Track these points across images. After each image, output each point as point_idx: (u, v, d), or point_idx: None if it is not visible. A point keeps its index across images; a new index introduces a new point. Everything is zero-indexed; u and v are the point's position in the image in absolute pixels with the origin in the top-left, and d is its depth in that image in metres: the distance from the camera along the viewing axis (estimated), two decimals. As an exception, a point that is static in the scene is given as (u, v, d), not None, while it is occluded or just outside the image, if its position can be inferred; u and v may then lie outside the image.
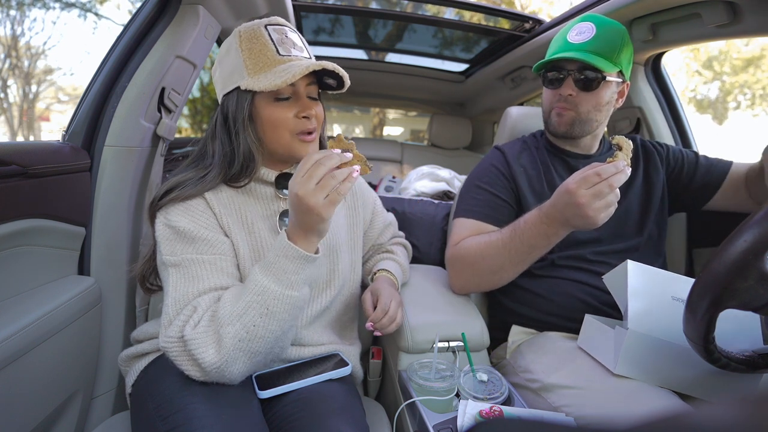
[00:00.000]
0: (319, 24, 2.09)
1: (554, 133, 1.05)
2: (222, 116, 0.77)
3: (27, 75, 9.90)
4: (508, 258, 0.91)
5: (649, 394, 0.73)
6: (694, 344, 0.64)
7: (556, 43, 1.03)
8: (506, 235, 0.91)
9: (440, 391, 0.76)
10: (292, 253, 0.65)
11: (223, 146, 0.77)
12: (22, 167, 0.79)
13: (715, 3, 1.04)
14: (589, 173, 0.75)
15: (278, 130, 0.76)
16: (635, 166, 1.07)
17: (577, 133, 1.02)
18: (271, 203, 0.84)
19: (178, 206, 0.74)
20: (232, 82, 0.75)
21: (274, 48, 0.74)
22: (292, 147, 0.78)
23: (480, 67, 2.28)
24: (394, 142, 2.95)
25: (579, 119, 1.00)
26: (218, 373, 0.65)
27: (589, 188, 0.75)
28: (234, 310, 0.65)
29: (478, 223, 1.01)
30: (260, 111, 0.76)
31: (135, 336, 0.85)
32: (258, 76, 0.73)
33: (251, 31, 0.75)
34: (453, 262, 1.02)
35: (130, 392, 0.80)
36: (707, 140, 9.90)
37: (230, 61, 0.75)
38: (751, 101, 10.16)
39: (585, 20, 1.00)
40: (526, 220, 0.89)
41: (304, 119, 0.77)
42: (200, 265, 0.71)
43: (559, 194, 0.80)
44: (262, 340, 0.66)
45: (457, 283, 1.03)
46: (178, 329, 0.66)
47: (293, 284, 0.66)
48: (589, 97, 0.98)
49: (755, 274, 0.57)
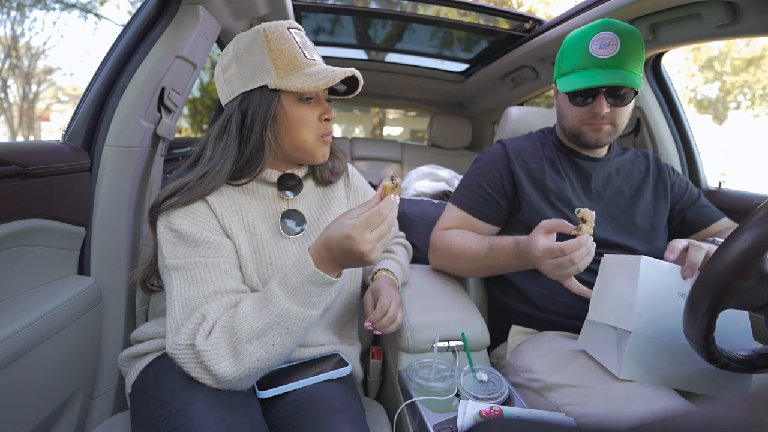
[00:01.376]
0: (319, 24, 2.09)
1: (587, 144, 1.04)
2: (240, 114, 0.75)
3: (27, 75, 9.91)
4: (481, 268, 1.02)
5: (654, 393, 0.73)
6: (695, 344, 0.64)
7: (579, 57, 0.98)
8: (484, 250, 0.98)
9: (440, 391, 0.76)
10: (319, 280, 0.64)
11: (230, 145, 0.76)
12: (22, 167, 0.79)
13: (715, 3, 1.04)
14: (555, 247, 0.78)
15: (303, 131, 0.78)
16: (646, 180, 1.09)
17: (610, 141, 1.06)
18: (273, 204, 0.84)
19: (180, 209, 0.74)
20: (256, 80, 0.74)
21: (300, 51, 0.75)
22: (315, 148, 0.80)
23: (480, 67, 2.28)
24: (394, 142, 2.95)
25: (615, 131, 1.02)
26: (232, 384, 0.66)
27: (552, 259, 0.79)
28: (252, 329, 0.64)
29: (468, 217, 1.09)
30: (287, 111, 0.76)
31: (135, 336, 0.85)
32: (290, 76, 0.73)
33: (278, 31, 0.75)
34: (435, 246, 1.12)
35: (129, 392, 0.80)
36: (707, 140, 9.91)
37: (253, 59, 0.74)
38: (752, 101, 10.16)
39: (604, 29, 0.96)
40: (503, 246, 0.94)
41: (326, 122, 0.79)
42: (204, 268, 0.71)
43: (529, 250, 0.84)
44: (279, 356, 0.67)
45: (435, 263, 1.16)
46: (187, 337, 0.66)
47: (315, 305, 0.66)
48: (623, 109, 0.99)
49: (755, 274, 0.57)
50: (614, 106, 0.97)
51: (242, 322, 0.64)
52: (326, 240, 0.64)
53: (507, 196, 1.07)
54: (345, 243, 0.62)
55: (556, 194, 1.03)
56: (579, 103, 1.00)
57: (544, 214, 1.01)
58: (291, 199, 0.85)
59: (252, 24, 1.45)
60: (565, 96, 1.02)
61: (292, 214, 0.84)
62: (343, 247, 0.62)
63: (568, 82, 0.99)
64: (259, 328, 0.64)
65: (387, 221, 0.64)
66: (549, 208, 1.02)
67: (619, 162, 1.10)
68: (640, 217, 1.04)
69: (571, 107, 1.02)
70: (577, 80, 0.97)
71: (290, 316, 0.64)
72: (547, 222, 0.83)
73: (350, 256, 0.63)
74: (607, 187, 1.06)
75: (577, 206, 1.02)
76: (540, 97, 2.35)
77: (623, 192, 1.06)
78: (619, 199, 1.05)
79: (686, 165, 1.45)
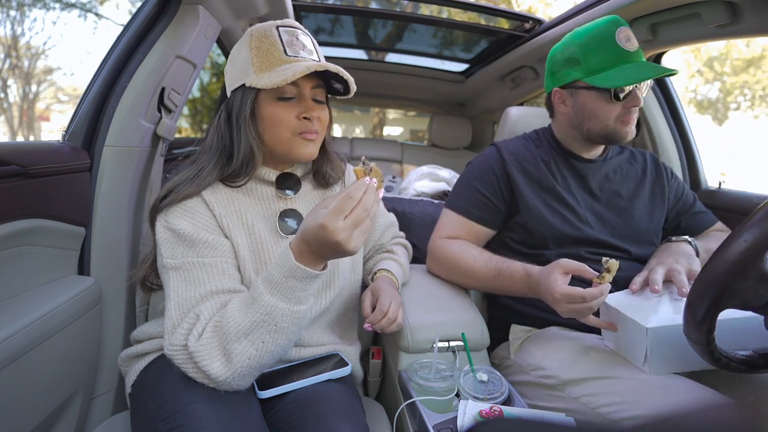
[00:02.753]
0: (319, 24, 2.09)
1: (621, 140, 1.02)
2: (226, 112, 0.79)
3: (27, 75, 9.91)
4: (483, 287, 1.04)
5: (679, 383, 0.74)
6: (695, 344, 0.64)
7: (611, 52, 0.96)
8: (490, 272, 0.97)
9: (440, 391, 0.76)
10: (301, 274, 0.63)
11: (222, 140, 0.78)
12: (22, 167, 0.79)
13: (715, 3, 1.04)
14: (576, 294, 0.78)
15: (277, 129, 0.77)
16: (643, 181, 1.09)
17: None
18: (272, 203, 0.84)
19: (178, 208, 0.74)
20: (239, 79, 0.77)
21: (281, 48, 0.75)
22: (291, 145, 0.78)
23: (480, 67, 2.28)
24: (394, 142, 2.95)
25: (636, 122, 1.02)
26: (227, 385, 0.65)
27: (571, 303, 0.80)
28: (240, 327, 0.64)
29: (467, 222, 1.07)
30: (262, 109, 0.77)
31: (135, 336, 0.85)
32: (263, 74, 0.74)
33: (262, 30, 0.77)
34: (436, 256, 1.09)
35: (129, 392, 0.80)
36: (707, 141, 9.91)
37: (240, 59, 0.77)
38: (751, 102, 10.16)
39: (620, 24, 0.97)
40: (512, 273, 0.93)
41: (306, 120, 0.77)
42: (201, 268, 0.71)
43: (545, 288, 0.84)
44: (271, 353, 0.66)
45: (433, 271, 1.14)
46: (182, 337, 0.66)
47: (301, 300, 0.65)
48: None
49: (755, 274, 0.57)
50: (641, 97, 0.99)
51: (230, 321, 0.64)
52: (303, 232, 0.62)
53: (504, 198, 1.06)
54: (319, 233, 0.60)
55: (553, 196, 1.03)
56: (615, 100, 0.97)
57: (541, 216, 1.01)
58: (290, 199, 0.85)
59: (252, 24, 1.45)
60: (595, 95, 0.98)
61: (291, 214, 0.84)
62: (318, 237, 0.60)
63: (611, 78, 0.95)
64: (247, 327, 0.63)
65: (361, 206, 0.60)
66: (547, 210, 1.02)
67: (616, 162, 1.10)
68: (637, 219, 1.04)
69: (607, 105, 0.98)
70: (625, 75, 0.95)
71: (276, 312, 0.64)
72: (567, 263, 0.82)
73: (326, 246, 0.61)
74: (603, 188, 1.06)
75: (573, 206, 1.02)
76: (540, 97, 2.35)
77: (620, 193, 1.06)
78: (616, 200, 1.05)
79: (686, 165, 1.45)
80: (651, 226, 1.05)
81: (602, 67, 0.97)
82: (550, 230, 1.00)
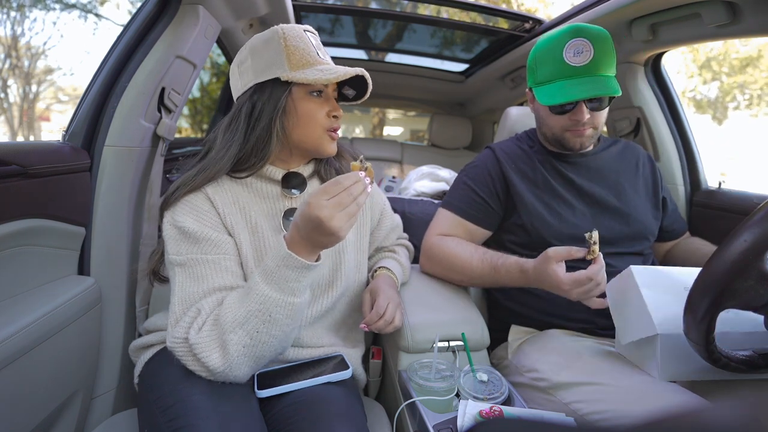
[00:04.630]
0: (319, 24, 2.09)
1: (571, 149, 1.04)
2: (251, 104, 0.79)
3: (27, 75, 9.90)
4: (480, 283, 1.05)
5: (668, 389, 0.73)
6: (695, 344, 0.64)
7: (554, 66, 0.97)
8: (486, 268, 0.97)
9: (440, 391, 0.76)
10: (293, 263, 0.65)
11: (238, 133, 0.79)
12: (22, 167, 0.79)
13: (715, 3, 1.04)
14: (582, 277, 0.79)
15: (311, 123, 0.80)
16: (635, 175, 1.10)
17: (594, 142, 1.07)
18: (276, 202, 0.84)
19: (184, 205, 0.76)
20: (270, 73, 0.77)
21: (315, 50, 0.79)
22: (321, 141, 0.82)
23: (480, 67, 2.27)
24: (394, 142, 2.95)
25: (596, 132, 1.03)
26: (224, 376, 0.67)
27: (580, 287, 0.80)
28: (236, 317, 0.65)
29: (462, 221, 1.08)
30: (297, 103, 0.79)
31: (146, 326, 0.87)
32: (303, 70, 0.76)
33: (295, 31, 0.79)
34: (430, 253, 1.08)
35: (137, 382, 0.82)
36: (707, 140, 9.91)
37: (269, 53, 0.78)
38: (749, 101, 10.16)
39: (576, 36, 0.94)
40: (507, 269, 0.93)
41: (334, 118, 0.82)
42: (205, 265, 0.73)
43: (549, 282, 0.84)
44: (266, 345, 0.67)
45: (426, 269, 1.12)
46: (183, 330, 0.68)
47: (295, 291, 0.66)
48: (602, 112, 1.00)
49: (755, 274, 0.57)
50: (594, 111, 0.98)
51: (227, 312, 0.66)
52: (294, 218, 0.66)
53: (500, 199, 1.07)
54: (304, 210, 0.63)
55: (549, 194, 1.03)
56: (559, 112, 1.00)
57: (539, 214, 1.01)
58: (295, 198, 0.85)
59: (252, 24, 1.45)
60: (541, 104, 1.01)
61: (295, 212, 0.84)
62: (303, 214, 0.63)
63: (546, 94, 0.98)
64: (242, 317, 0.65)
65: (347, 192, 0.63)
66: (544, 208, 1.02)
67: (606, 156, 1.10)
68: (636, 212, 1.04)
69: (551, 116, 1.02)
70: (557, 93, 0.96)
71: (270, 302, 0.65)
72: (556, 252, 0.82)
73: (310, 223, 0.63)
74: (594, 182, 1.06)
75: (571, 203, 1.02)
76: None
77: (612, 186, 1.06)
78: (608, 193, 1.05)
79: (686, 165, 1.45)
80: (646, 220, 1.05)
81: (546, 80, 0.99)
82: (549, 229, 1.00)
